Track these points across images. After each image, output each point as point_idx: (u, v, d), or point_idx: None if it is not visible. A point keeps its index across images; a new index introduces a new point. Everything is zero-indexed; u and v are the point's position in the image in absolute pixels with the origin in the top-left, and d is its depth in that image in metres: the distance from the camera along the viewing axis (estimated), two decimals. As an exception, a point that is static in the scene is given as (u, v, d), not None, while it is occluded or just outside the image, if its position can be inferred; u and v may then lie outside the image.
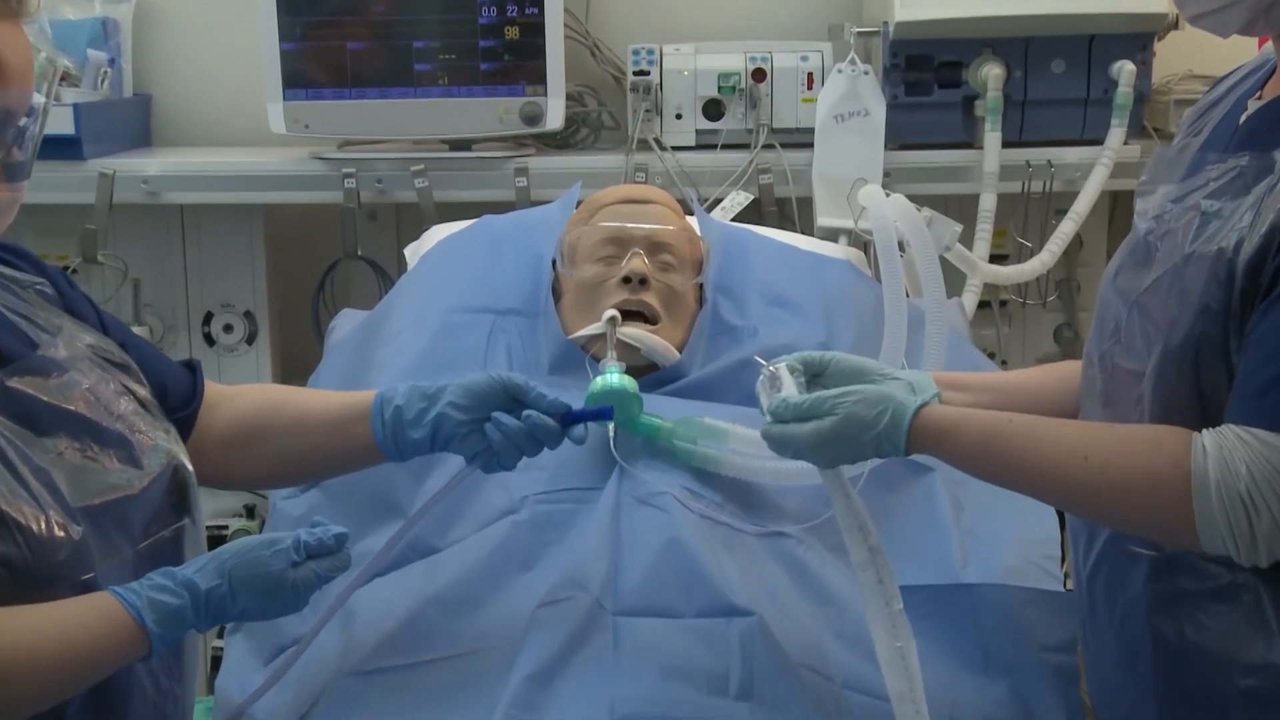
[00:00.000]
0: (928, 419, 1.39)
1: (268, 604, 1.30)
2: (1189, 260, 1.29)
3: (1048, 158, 2.61)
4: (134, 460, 1.32)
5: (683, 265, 1.99)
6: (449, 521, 1.64)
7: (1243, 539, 1.22)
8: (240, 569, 1.28)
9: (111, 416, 1.31)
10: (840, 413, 1.40)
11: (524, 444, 1.50)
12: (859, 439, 1.40)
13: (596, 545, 1.53)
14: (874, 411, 1.39)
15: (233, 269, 2.81)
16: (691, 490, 1.61)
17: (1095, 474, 1.29)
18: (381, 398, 1.52)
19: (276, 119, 2.62)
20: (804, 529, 1.64)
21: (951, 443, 1.39)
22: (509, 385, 1.51)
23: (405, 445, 1.51)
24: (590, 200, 2.09)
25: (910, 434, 1.39)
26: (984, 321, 2.78)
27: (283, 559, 1.30)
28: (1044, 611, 1.62)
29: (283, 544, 1.31)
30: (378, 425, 1.51)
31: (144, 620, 1.22)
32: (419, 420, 1.50)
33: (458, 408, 1.49)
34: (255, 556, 1.29)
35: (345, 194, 2.64)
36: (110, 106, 2.76)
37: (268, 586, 1.30)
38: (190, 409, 1.50)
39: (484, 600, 1.53)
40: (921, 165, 2.62)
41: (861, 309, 2.06)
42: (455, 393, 1.50)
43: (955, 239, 2.19)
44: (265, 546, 1.31)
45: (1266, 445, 1.21)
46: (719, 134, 2.67)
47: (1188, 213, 1.32)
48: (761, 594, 1.52)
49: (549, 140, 2.82)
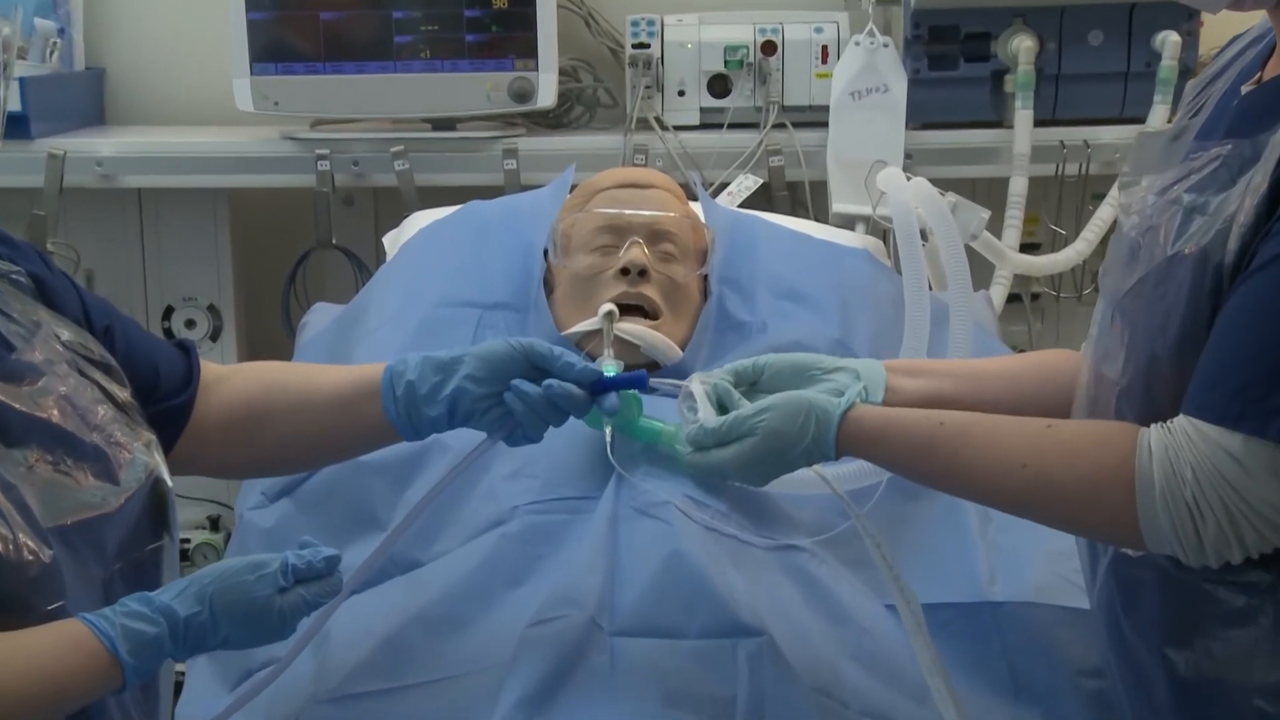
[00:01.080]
0: (855, 425, 1.42)
1: (252, 632, 1.30)
2: (1171, 261, 1.28)
3: (1084, 138, 2.61)
4: (110, 475, 1.32)
5: (685, 255, 1.99)
6: (432, 533, 1.65)
7: (1189, 543, 1.25)
8: (223, 594, 1.28)
9: (88, 427, 1.31)
10: (761, 431, 1.43)
11: (548, 414, 1.49)
12: (786, 455, 1.43)
13: (592, 559, 1.54)
14: (797, 424, 1.42)
15: (195, 259, 2.82)
16: (695, 499, 1.62)
17: (1035, 481, 1.32)
18: (392, 372, 1.51)
19: (243, 95, 2.62)
20: (817, 541, 1.65)
21: (879, 450, 1.42)
22: (532, 353, 1.50)
23: (421, 423, 1.50)
24: (585, 185, 2.10)
25: (839, 441, 1.42)
26: (1014, 316, 2.79)
27: (269, 584, 1.30)
28: (1078, 632, 1.63)
29: (269, 568, 1.31)
30: (389, 403, 1.50)
31: (117, 650, 1.21)
32: (434, 396, 1.49)
33: (475, 380, 1.48)
34: (239, 581, 1.29)
35: (318, 177, 2.64)
36: (60, 81, 2.77)
37: (252, 613, 1.29)
38: (186, 395, 1.50)
39: (470, 619, 1.54)
40: (946, 146, 2.63)
41: (880, 303, 2.07)
42: (472, 364, 1.49)
43: (982, 226, 2.20)
44: (250, 570, 1.30)
45: (1213, 446, 1.22)
46: (725, 112, 2.68)
47: (1170, 207, 1.31)
48: (771, 612, 1.53)
49: (540, 119, 2.83)
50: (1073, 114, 2.63)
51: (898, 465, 1.44)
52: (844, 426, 1.42)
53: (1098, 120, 2.62)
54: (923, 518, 1.76)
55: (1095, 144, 2.61)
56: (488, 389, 1.49)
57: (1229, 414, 1.21)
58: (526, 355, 1.50)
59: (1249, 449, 1.21)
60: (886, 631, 1.59)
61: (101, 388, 1.36)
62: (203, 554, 2.82)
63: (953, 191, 2.15)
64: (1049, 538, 1.72)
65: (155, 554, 1.38)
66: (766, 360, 1.55)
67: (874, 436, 1.42)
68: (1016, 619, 1.64)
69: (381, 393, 1.50)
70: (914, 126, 2.63)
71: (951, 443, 1.37)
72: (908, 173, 2.15)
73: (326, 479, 1.79)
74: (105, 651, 1.21)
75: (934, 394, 1.55)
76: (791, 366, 1.55)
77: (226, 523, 2.84)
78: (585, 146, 2.68)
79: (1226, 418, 1.22)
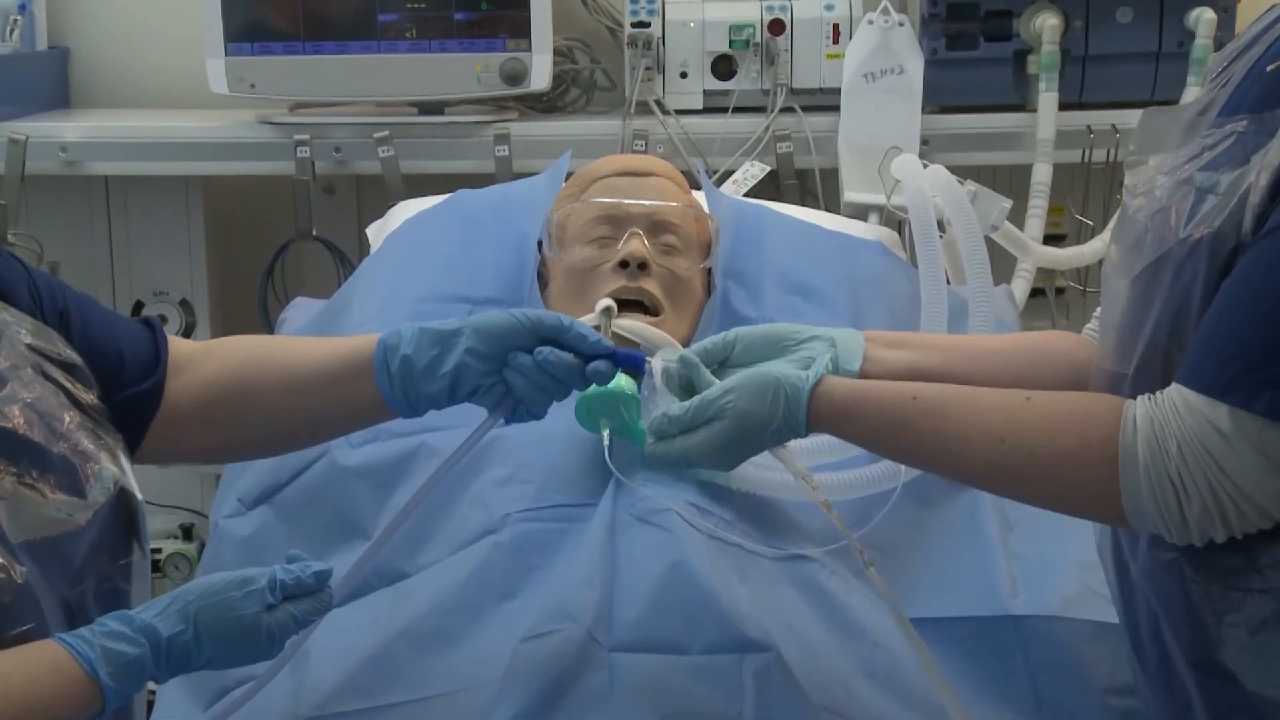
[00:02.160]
0: (825, 399, 1.44)
1: (238, 652, 1.30)
2: (1182, 245, 1.29)
3: (1112, 122, 2.62)
4: (77, 488, 1.32)
5: (688, 248, 2.00)
6: (419, 543, 1.65)
7: (1173, 521, 1.26)
8: (207, 612, 1.28)
9: (54, 436, 1.31)
10: (729, 415, 1.45)
11: (548, 386, 1.49)
12: (758, 437, 1.46)
13: (589, 570, 1.55)
14: (766, 404, 1.44)
15: (166, 251, 2.83)
16: (698, 506, 1.63)
17: (1013, 456, 1.34)
18: (385, 346, 1.50)
19: (217, 77, 2.63)
20: (828, 551, 1.66)
21: (851, 424, 1.44)
22: (539, 326, 1.49)
23: (418, 400, 1.50)
24: (582, 172, 2.11)
25: (810, 418, 1.44)
26: (1037, 312, 2.80)
27: (256, 601, 1.30)
28: (1107, 648, 1.63)
29: (256, 584, 1.30)
30: (384, 380, 1.49)
31: (97, 673, 1.21)
32: (433, 371, 1.48)
33: (478, 355, 1.47)
34: (225, 599, 1.29)
35: (298, 164, 2.65)
36: (21, 61, 2.78)
37: (239, 632, 1.29)
38: (154, 378, 1.48)
39: (459, 634, 1.54)
40: (965, 131, 2.64)
41: (894, 298, 2.08)
42: (473, 337, 1.48)
43: (1004, 216, 2.21)
44: (236, 587, 1.30)
45: (1199, 419, 1.23)
46: (730, 95, 2.69)
47: (1181, 188, 1.31)
48: (779, 626, 1.54)
49: (534, 103, 2.84)
50: (1100, 97, 2.63)
51: (870, 440, 1.46)
52: (814, 401, 1.43)
53: (1127, 103, 2.63)
54: (939, 526, 1.76)
55: (1124, 129, 2.61)
56: (492, 365, 1.48)
57: (1217, 383, 1.22)
58: (534, 328, 1.49)
59: (1235, 422, 1.22)
60: (901, 647, 1.59)
61: (66, 391, 1.36)
62: (174, 565, 2.83)
63: (972, 180, 2.16)
64: (1075, 547, 1.73)
65: (124, 570, 1.38)
66: (737, 334, 1.57)
67: (845, 410, 1.43)
68: (1040, 634, 1.65)
69: (375, 368, 1.49)
70: (931, 110, 2.64)
71: (926, 416, 1.39)
72: (924, 160, 2.17)
73: (307, 485, 1.80)
74: (84, 674, 1.20)
75: (916, 366, 1.57)
76: (764, 338, 1.56)
77: (200, 532, 2.85)
78: (581, 132, 2.69)
79: (1214, 387, 1.23)
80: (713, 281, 2.03)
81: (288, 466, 1.82)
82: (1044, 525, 1.76)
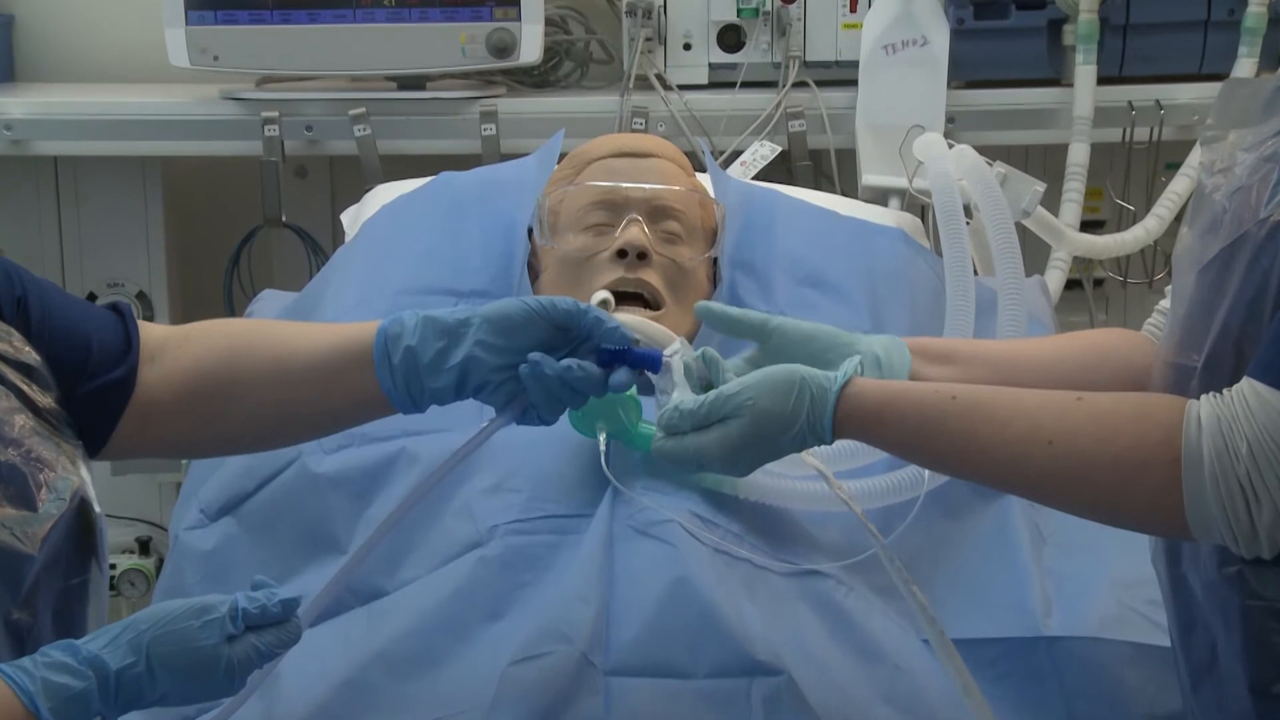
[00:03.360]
0: (853, 401, 1.42)
1: (195, 687, 1.30)
2: (1261, 227, 1.28)
3: (1156, 97, 2.63)
4: (27, 499, 1.32)
5: (691, 235, 2.01)
6: (398, 558, 1.66)
7: (1241, 529, 1.25)
8: (162, 643, 1.27)
9: (2, 442, 1.31)
10: (747, 412, 1.44)
11: (565, 396, 1.50)
12: (777, 441, 1.45)
13: (583, 587, 1.55)
14: (789, 404, 1.43)
15: (122, 239, 2.83)
16: (702, 517, 1.63)
17: (1063, 460, 1.33)
18: (386, 336, 1.50)
19: (177, 48, 2.63)
20: (844, 566, 1.66)
21: (882, 428, 1.43)
22: (553, 312, 1.50)
23: (422, 396, 1.50)
24: (576, 153, 2.11)
25: (837, 421, 1.43)
26: (1073, 305, 2.80)
27: (215, 631, 1.29)
28: (1149, 672, 1.64)
29: (216, 612, 1.30)
30: (385, 374, 1.49)
31: (38, 708, 1.20)
32: (440, 364, 1.48)
33: (489, 349, 1.48)
34: (182, 628, 1.28)
35: (265, 144, 2.66)
36: (-38, 32, 2.78)
37: (196, 666, 1.29)
38: (125, 366, 1.48)
39: (442, 657, 1.55)
40: (994, 108, 2.65)
41: (916, 290, 2.08)
42: (483, 328, 1.48)
43: (1037, 201, 2.21)
44: (194, 615, 1.29)
45: (1273, 415, 1.22)
46: (738, 69, 2.70)
47: (1263, 165, 1.31)
48: (791, 648, 1.54)
49: (523, 77, 2.84)
50: (1143, 70, 2.64)
51: (903, 445, 1.44)
52: (841, 403, 1.42)
53: (1172, 77, 2.64)
54: (967, 540, 1.77)
55: (1169, 105, 2.62)
56: (504, 359, 1.48)
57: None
58: (546, 315, 1.49)
59: None
60: (924, 670, 1.60)
61: (20, 394, 1.36)
62: (130, 582, 2.83)
63: (1002, 161, 2.16)
64: (1114, 563, 1.73)
65: (80, 589, 1.38)
66: (779, 324, 1.56)
67: (875, 413, 1.42)
68: (1076, 657, 1.65)
69: (375, 361, 1.49)
70: (957, 85, 2.64)
71: (967, 417, 1.38)
72: (949, 139, 2.17)
73: (276, 494, 1.80)
74: (22, 709, 1.20)
75: (964, 381, 1.56)
76: (803, 338, 1.55)
77: (159, 545, 2.85)
78: (576, 109, 2.69)
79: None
80: (718, 272, 2.04)
81: (255, 473, 1.83)
82: (1080, 539, 1.76)
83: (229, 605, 1.30)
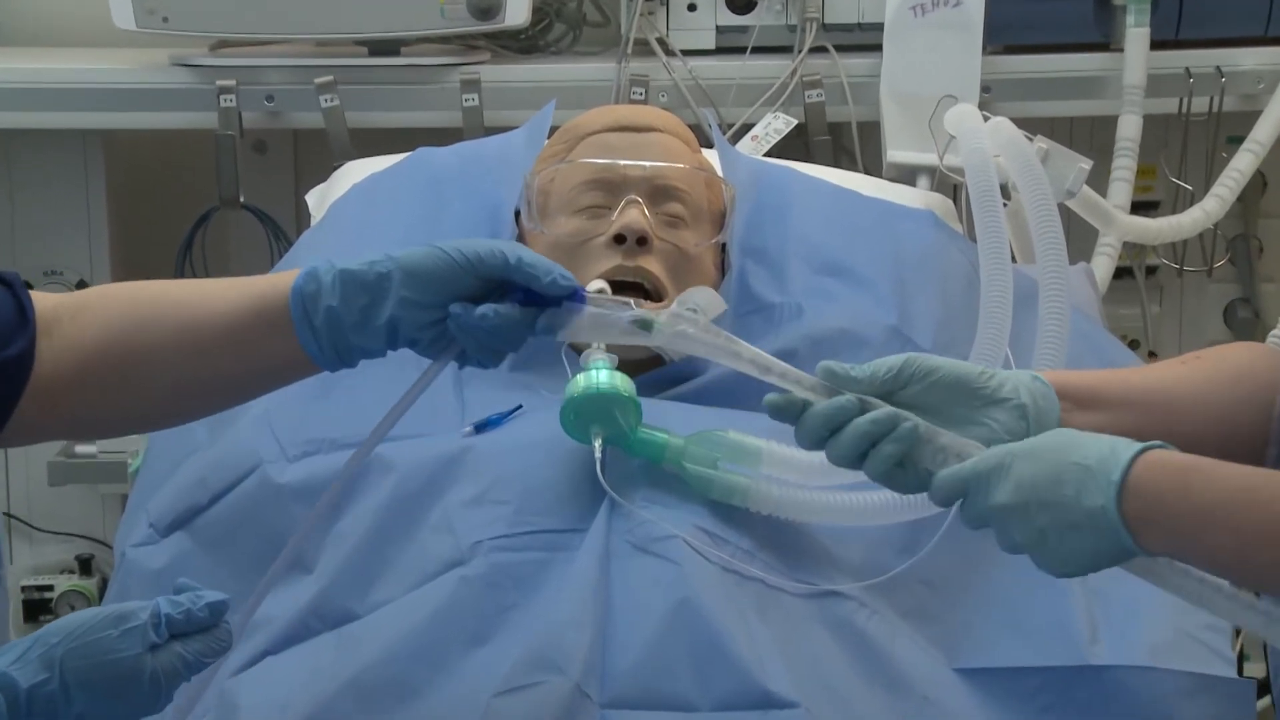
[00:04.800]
0: (1143, 483, 1.33)
1: (116, 704, 1.29)
2: None
3: (1216, 63, 2.64)
4: None
5: (697, 219, 2.01)
6: (370, 576, 1.66)
7: None
8: (76, 656, 1.27)
9: None
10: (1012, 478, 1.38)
11: (495, 343, 1.51)
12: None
13: (577, 610, 1.55)
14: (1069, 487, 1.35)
15: (60, 222, 2.83)
16: (709, 532, 1.63)
17: None
18: (303, 295, 1.50)
19: (122, 9, 2.63)
20: (867, 587, 1.67)
21: (1178, 504, 1.34)
22: (480, 267, 1.50)
23: (350, 354, 1.52)
24: (568, 127, 2.12)
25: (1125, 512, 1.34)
26: (1123, 296, 2.81)
27: (136, 640, 1.29)
28: (1210, 705, 1.65)
29: (136, 620, 1.30)
30: (307, 337, 1.50)
31: None
32: (366, 324, 1.50)
33: (413, 305, 1.49)
34: (97, 639, 1.28)
35: (221, 116, 2.66)
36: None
37: (116, 680, 1.28)
38: (21, 343, 1.47)
39: (420, 687, 1.55)
40: (1035, 75, 2.65)
41: (948, 279, 2.09)
42: (405, 284, 1.49)
43: (1082, 180, 2.22)
44: (111, 624, 1.29)
45: None
46: (749, 33, 2.70)
47: None
48: (807, 678, 1.55)
49: (509, 42, 2.84)
50: (1202, 33, 2.64)
51: (1204, 553, 1.34)
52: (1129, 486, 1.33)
53: (1234, 40, 2.64)
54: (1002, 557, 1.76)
55: (1231, 71, 2.63)
56: (431, 315, 1.50)
57: None
58: (473, 269, 1.50)
59: None
60: (956, 702, 1.61)
61: None
62: (70, 605, 2.84)
63: (1043, 135, 2.17)
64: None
65: None
66: (917, 367, 1.50)
67: (1162, 495, 1.33)
68: (1127, 688, 1.66)
69: (295, 323, 1.50)
70: (993, 50, 2.65)
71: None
72: (984, 111, 2.17)
73: (234, 507, 1.80)
74: None
75: (1114, 431, 1.46)
76: (952, 381, 1.49)
77: (102, 564, 2.86)
78: (568, 77, 2.70)
79: None
80: (727, 260, 2.04)
81: (210, 484, 1.83)
82: None
83: (150, 611, 1.31)
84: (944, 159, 2.28)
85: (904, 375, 1.50)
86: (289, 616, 1.66)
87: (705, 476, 1.67)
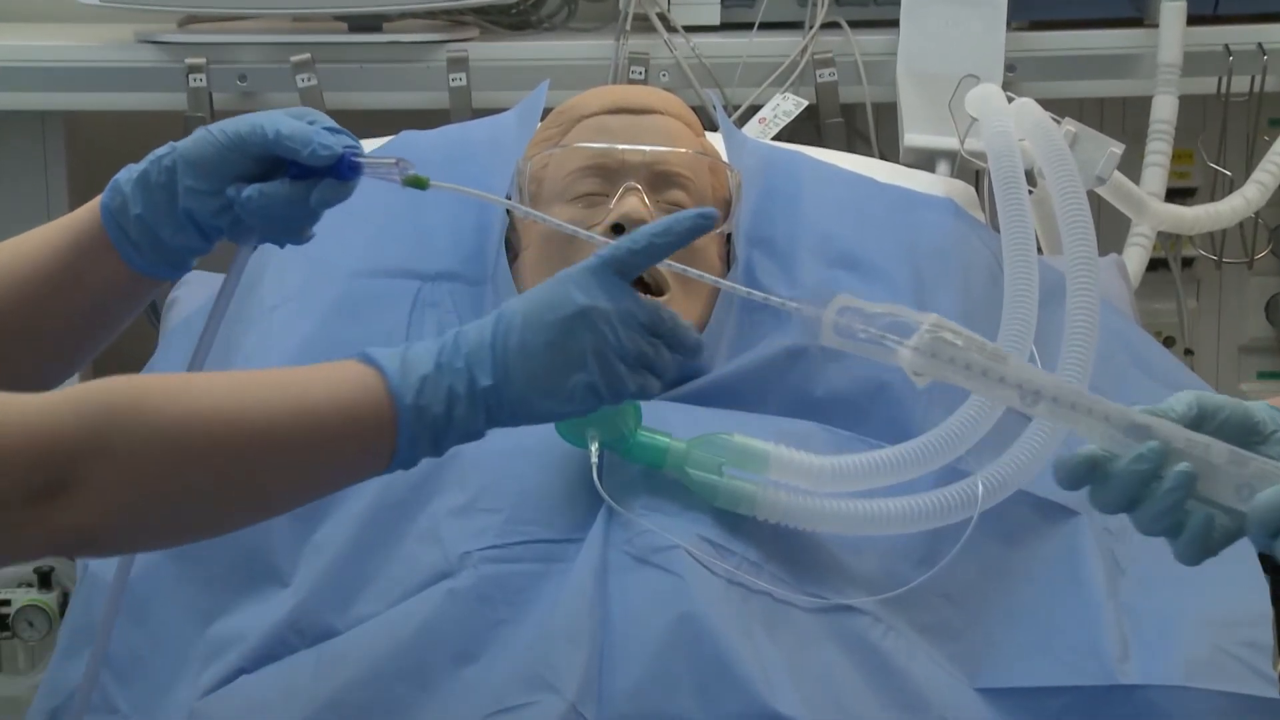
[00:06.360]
0: None
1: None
2: None
3: (1258, 39, 2.64)
4: None
5: (701, 206, 2.02)
6: (351, 590, 1.67)
7: None
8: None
9: None
10: None
11: (279, 224, 1.60)
12: None
13: (572, 625, 1.56)
14: None
15: (17, 208, 2.83)
16: (714, 543, 1.64)
17: None
18: (112, 211, 1.58)
19: (85, -18, 2.65)
20: (882, 601, 1.68)
21: None
22: (245, 145, 1.56)
23: (176, 255, 1.60)
24: (563, 109, 2.12)
25: None
26: (1157, 289, 2.81)
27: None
28: (1249, 726, 1.66)
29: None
30: (129, 252, 1.58)
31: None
32: (170, 221, 1.58)
33: (198, 193, 1.56)
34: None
35: (190, 96, 2.67)
36: None
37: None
38: None
39: (405, 707, 1.56)
40: (1063, 53, 2.66)
41: (970, 271, 2.09)
42: (186, 173, 1.57)
43: (1113, 166, 2.22)
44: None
45: None
46: (756, 7, 2.71)
47: None
48: (818, 697, 1.56)
49: (499, 17, 2.85)
50: (1243, 7, 2.64)
51: None
52: None
53: (1278, 15, 2.65)
54: (1027, 568, 1.77)
55: (1274, 49, 2.63)
56: (218, 201, 1.57)
57: None
58: (240, 147, 1.57)
59: None
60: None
61: None
62: (28, 621, 2.84)
63: (1072, 118, 2.18)
64: (1207, 598, 1.74)
65: None
66: (1206, 405, 1.44)
67: None
68: (1160, 709, 1.67)
69: (114, 244, 1.58)
70: (1018, 26, 2.65)
71: None
72: (1009, 91, 2.18)
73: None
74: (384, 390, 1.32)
75: None
76: (1240, 421, 1.44)
77: (63, 578, 2.86)
78: (562, 55, 2.70)
79: None
80: (733, 251, 2.05)
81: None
82: (1166, 570, 1.75)
83: None
84: (965, 143, 2.29)
85: (1201, 415, 1.45)
86: (264, 632, 1.66)
87: (709, 483, 1.67)
